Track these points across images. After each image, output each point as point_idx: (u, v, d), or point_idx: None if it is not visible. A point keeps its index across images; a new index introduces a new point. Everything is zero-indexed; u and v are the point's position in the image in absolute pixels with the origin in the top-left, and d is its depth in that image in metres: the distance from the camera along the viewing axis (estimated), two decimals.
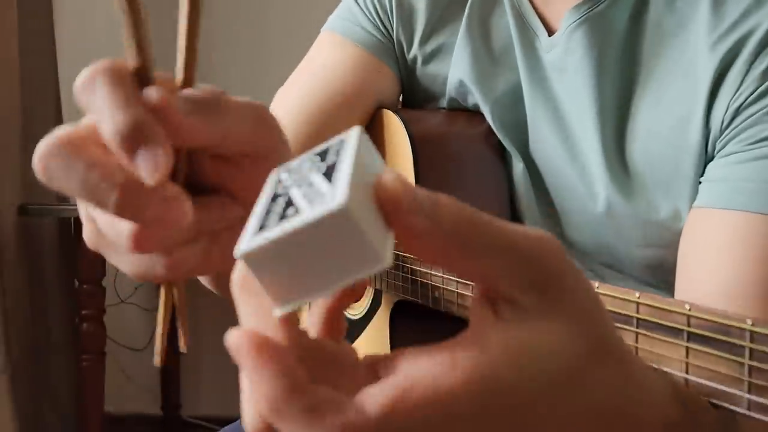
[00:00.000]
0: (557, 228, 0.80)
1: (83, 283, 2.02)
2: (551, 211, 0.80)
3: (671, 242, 0.71)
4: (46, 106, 2.19)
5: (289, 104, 0.86)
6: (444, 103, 0.88)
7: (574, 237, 0.79)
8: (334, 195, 0.26)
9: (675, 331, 0.41)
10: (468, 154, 0.83)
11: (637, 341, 0.42)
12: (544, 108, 0.78)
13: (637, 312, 0.44)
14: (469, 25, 0.83)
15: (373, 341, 0.85)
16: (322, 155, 0.31)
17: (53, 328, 2.17)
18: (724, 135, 0.67)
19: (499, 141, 0.82)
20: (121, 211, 0.32)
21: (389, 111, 0.85)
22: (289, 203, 0.28)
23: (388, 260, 0.27)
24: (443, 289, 0.68)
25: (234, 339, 0.28)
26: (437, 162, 0.81)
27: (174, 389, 2.44)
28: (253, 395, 0.28)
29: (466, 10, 0.84)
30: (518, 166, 0.81)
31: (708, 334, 0.40)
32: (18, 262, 2.02)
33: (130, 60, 0.34)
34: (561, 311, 0.30)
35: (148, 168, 0.31)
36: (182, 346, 0.38)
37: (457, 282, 0.66)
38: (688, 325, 0.40)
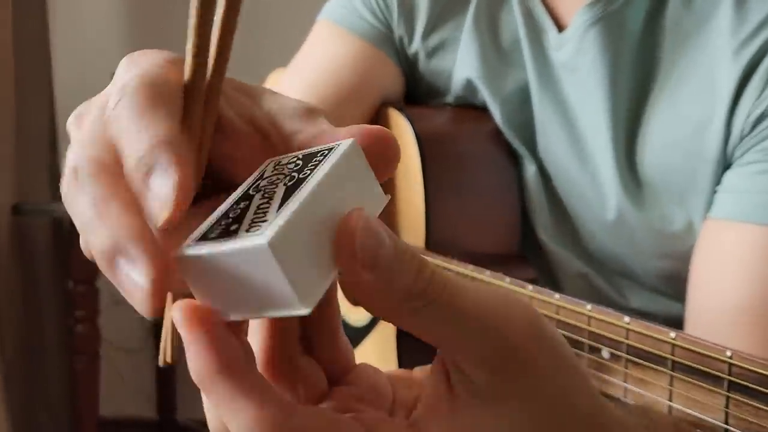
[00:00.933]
0: (570, 234, 0.79)
1: (77, 283, 2.00)
2: (563, 217, 0.79)
3: (686, 254, 0.69)
4: (40, 106, 2.18)
5: (291, 93, 0.84)
6: (450, 99, 0.86)
7: (588, 244, 0.78)
8: (265, 231, 0.25)
9: (715, 378, 0.38)
10: (477, 154, 0.82)
11: (671, 384, 0.40)
12: (553, 108, 0.77)
13: (673, 354, 0.41)
14: (476, 21, 0.81)
15: (379, 349, 0.83)
16: (306, 161, 0.29)
17: (47, 329, 2.16)
18: (743, 142, 0.65)
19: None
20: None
21: (394, 109, 0.84)
22: (243, 214, 0.27)
23: (307, 309, 0.26)
24: None
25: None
26: (445, 162, 0.79)
27: (170, 392, 2.43)
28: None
29: (473, 5, 0.82)
30: (530, 169, 0.79)
31: (752, 386, 0.37)
32: (11, 262, 2.01)
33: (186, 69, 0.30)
34: (515, 394, 0.27)
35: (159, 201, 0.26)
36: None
37: None
38: (729, 373, 0.37)
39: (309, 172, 0.28)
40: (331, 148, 0.29)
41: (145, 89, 0.28)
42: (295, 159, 0.30)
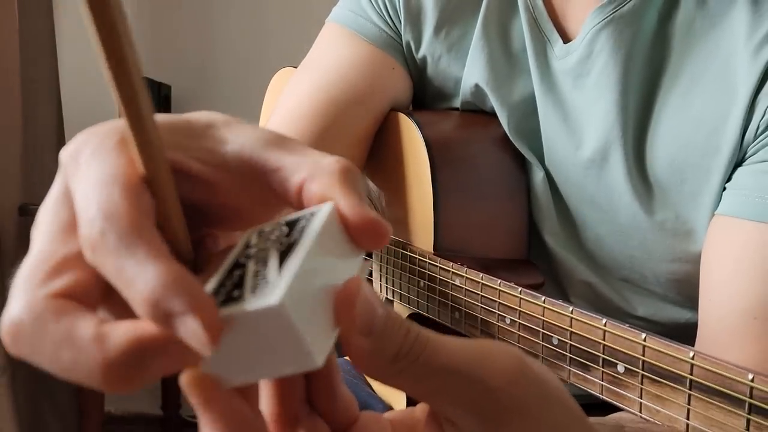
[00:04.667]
0: (577, 240, 0.79)
1: None
2: (571, 223, 0.79)
3: (698, 256, 0.69)
4: (47, 107, 2.17)
5: (300, 97, 0.84)
6: (457, 103, 0.86)
7: (593, 250, 0.78)
8: (274, 290, 0.25)
9: (735, 400, 0.39)
10: (486, 160, 0.82)
11: (689, 403, 0.41)
12: (557, 117, 0.77)
13: (691, 373, 0.42)
14: (486, 27, 0.81)
15: None
16: (291, 227, 0.29)
17: None
18: (757, 141, 0.65)
19: None
20: (115, 389, 0.25)
21: (402, 114, 0.84)
22: (241, 281, 0.27)
23: (320, 362, 0.26)
24: (465, 311, 0.67)
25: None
26: (454, 168, 0.79)
27: (174, 389, 2.43)
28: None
29: (482, 12, 0.81)
30: (538, 175, 0.79)
31: None
32: (18, 262, 2.00)
33: (137, 164, 0.27)
34: None
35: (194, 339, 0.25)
36: None
37: (481, 307, 0.66)
38: (751, 396, 0.38)
39: (298, 235, 0.28)
40: (312, 213, 0.29)
41: (126, 214, 0.25)
42: (279, 226, 0.29)
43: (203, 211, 0.30)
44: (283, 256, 0.27)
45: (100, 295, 0.27)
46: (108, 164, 0.27)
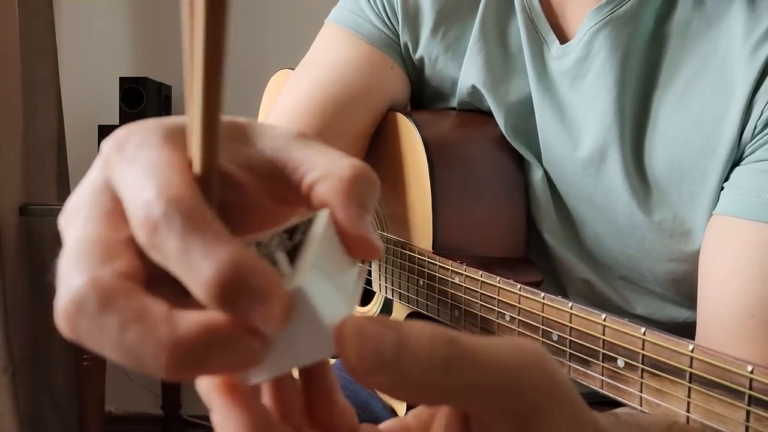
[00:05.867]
0: (576, 239, 0.79)
1: None
2: (570, 221, 0.79)
3: (696, 256, 0.69)
4: (47, 107, 2.18)
5: (298, 95, 0.84)
6: (454, 103, 0.87)
7: (592, 248, 0.78)
8: (294, 276, 0.25)
9: (735, 392, 0.39)
10: (484, 159, 0.82)
11: (689, 396, 0.42)
12: (554, 117, 0.77)
13: (691, 366, 0.42)
14: (483, 28, 0.81)
15: None
16: (290, 232, 0.28)
17: (54, 328, 2.15)
18: (754, 140, 0.65)
19: None
20: (172, 376, 0.24)
21: (400, 114, 0.84)
22: None
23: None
24: (465, 309, 0.67)
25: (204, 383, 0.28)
26: (452, 167, 0.80)
27: (174, 389, 2.43)
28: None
29: (479, 13, 0.82)
30: (537, 173, 0.80)
31: None
32: (19, 262, 2.02)
33: (195, 164, 0.27)
34: None
35: (263, 322, 0.24)
36: None
37: (481, 305, 0.66)
38: (750, 388, 0.38)
39: (302, 237, 0.28)
40: (311, 219, 0.28)
41: (192, 197, 0.25)
42: (277, 235, 0.29)
43: (232, 214, 0.29)
44: (293, 253, 0.27)
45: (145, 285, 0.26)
46: (161, 155, 0.26)
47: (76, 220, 0.27)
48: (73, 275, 0.25)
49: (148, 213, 0.25)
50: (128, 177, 0.26)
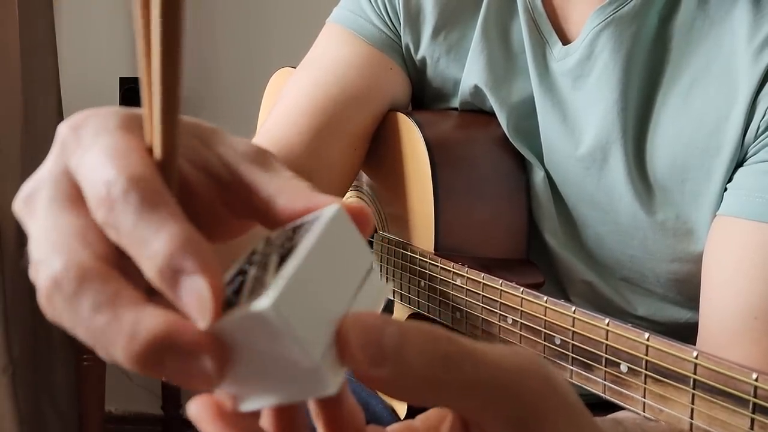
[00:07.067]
0: (576, 239, 0.79)
1: None
2: (571, 222, 0.79)
3: (700, 256, 0.69)
4: (48, 107, 2.18)
5: (299, 94, 0.84)
6: (456, 103, 0.86)
7: (594, 249, 0.78)
8: (267, 293, 0.24)
9: (739, 400, 0.39)
10: (486, 159, 0.82)
11: (693, 402, 0.41)
12: (556, 118, 0.77)
13: (695, 372, 0.42)
14: (485, 29, 0.81)
15: None
16: (296, 231, 0.28)
17: (54, 327, 2.14)
18: (757, 141, 0.65)
19: None
20: (132, 368, 0.24)
21: (402, 114, 0.84)
22: (241, 285, 0.26)
23: (332, 388, 0.25)
24: (466, 311, 0.67)
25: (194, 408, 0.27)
26: (454, 167, 0.80)
27: (175, 389, 2.43)
28: None
29: (481, 13, 0.82)
30: (539, 174, 0.79)
31: None
32: (19, 261, 2.02)
33: (155, 150, 0.27)
34: None
35: (195, 308, 0.24)
36: None
37: (483, 307, 0.66)
38: (755, 395, 0.38)
39: (299, 239, 0.27)
40: (317, 216, 0.28)
41: (150, 176, 0.26)
42: (286, 232, 0.28)
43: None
44: (283, 260, 0.26)
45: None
46: (119, 139, 0.27)
47: (39, 207, 0.27)
48: (52, 258, 0.25)
49: (108, 191, 0.25)
50: (87, 160, 0.27)
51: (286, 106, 0.84)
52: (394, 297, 0.84)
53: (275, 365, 0.25)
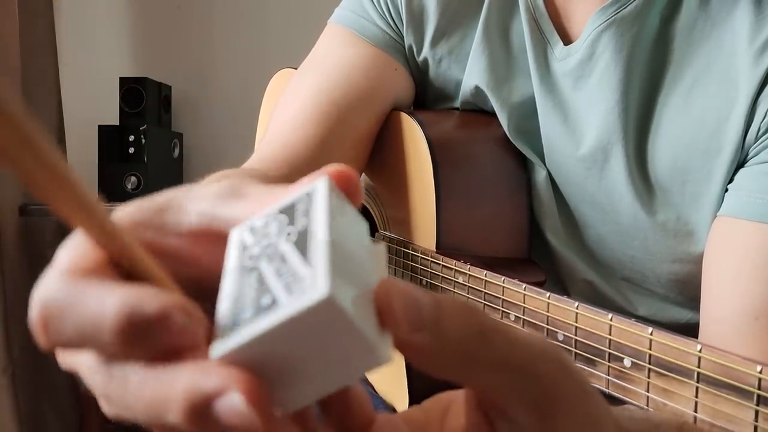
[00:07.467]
0: (577, 239, 0.79)
1: None
2: (573, 222, 0.79)
3: (700, 257, 0.69)
4: (48, 107, 2.18)
5: (304, 100, 0.83)
6: (457, 104, 0.86)
7: (595, 249, 0.78)
8: (316, 282, 0.23)
9: (743, 392, 0.39)
10: (488, 159, 0.82)
11: (697, 395, 0.41)
12: (557, 118, 0.77)
13: (699, 366, 0.42)
14: (486, 30, 0.81)
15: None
16: (289, 214, 0.26)
17: None
18: (758, 142, 0.66)
19: None
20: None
21: (404, 113, 0.84)
22: (263, 285, 0.24)
23: (389, 356, 0.24)
24: None
25: None
26: (456, 167, 0.80)
27: None
28: None
29: (483, 14, 0.81)
30: (540, 173, 0.79)
31: None
32: (19, 261, 2.02)
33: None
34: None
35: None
36: None
37: (485, 304, 0.66)
38: (759, 387, 0.38)
39: (305, 220, 0.25)
40: (308, 193, 0.26)
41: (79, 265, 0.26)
42: (273, 217, 0.26)
43: (195, 285, 0.29)
44: (301, 245, 0.24)
45: None
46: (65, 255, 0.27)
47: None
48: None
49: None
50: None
51: (291, 113, 0.83)
52: None
53: (325, 355, 0.23)
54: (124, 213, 0.28)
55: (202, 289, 0.29)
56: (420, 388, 0.79)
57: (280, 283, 0.24)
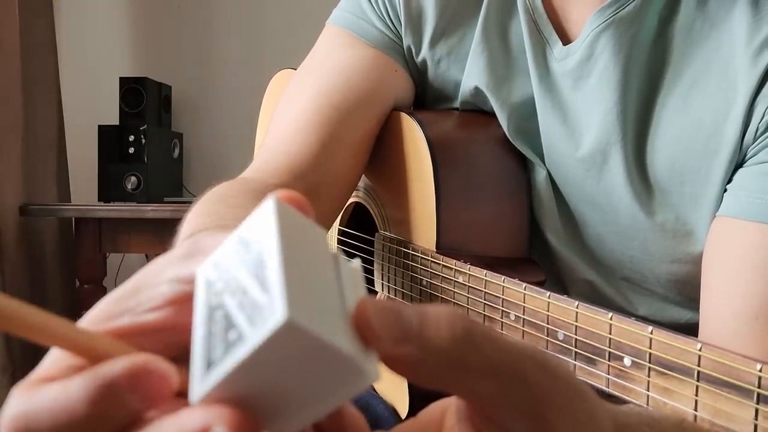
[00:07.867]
0: (577, 239, 0.79)
1: (84, 283, 2.02)
2: (572, 222, 0.79)
3: (699, 257, 0.69)
4: (47, 107, 2.18)
5: (304, 104, 0.82)
6: (457, 104, 0.86)
7: (594, 249, 0.78)
8: (273, 308, 0.22)
9: (743, 390, 0.39)
10: (488, 159, 0.82)
11: (697, 394, 0.41)
12: (557, 119, 0.77)
13: (699, 364, 0.42)
14: (485, 30, 0.81)
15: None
16: (244, 243, 0.26)
17: None
18: (756, 142, 0.65)
19: None
20: None
21: (404, 113, 0.84)
22: (229, 320, 0.24)
23: (375, 374, 0.24)
24: (469, 309, 0.67)
25: None
26: (456, 167, 0.79)
27: None
28: None
29: (482, 15, 0.81)
30: (541, 173, 0.79)
31: None
32: (19, 262, 2.02)
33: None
34: None
35: None
36: None
37: (485, 304, 0.66)
38: (759, 386, 0.38)
39: (259, 245, 0.25)
40: (258, 217, 0.26)
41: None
42: (233, 244, 0.27)
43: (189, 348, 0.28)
44: (259, 273, 0.24)
45: None
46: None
47: None
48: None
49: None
50: None
51: (290, 117, 0.83)
52: (395, 295, 0.84)
53: (309, 378, 0.23)
54: (97, 310, 0.29)
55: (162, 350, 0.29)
56: (420, 388, 0.79)
57: (243, 315, 0.24)
